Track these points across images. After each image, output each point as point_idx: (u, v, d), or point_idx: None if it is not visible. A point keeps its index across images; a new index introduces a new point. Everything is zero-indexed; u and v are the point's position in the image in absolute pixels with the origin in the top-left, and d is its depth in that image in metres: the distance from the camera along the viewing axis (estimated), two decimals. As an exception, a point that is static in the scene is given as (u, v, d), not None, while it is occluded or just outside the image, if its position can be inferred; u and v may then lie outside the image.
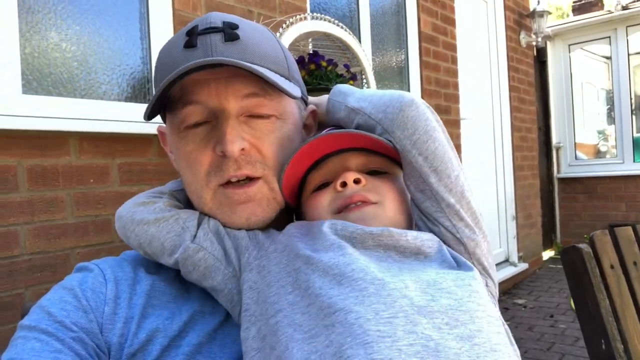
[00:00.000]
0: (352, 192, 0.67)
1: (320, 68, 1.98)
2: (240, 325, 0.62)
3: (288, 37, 1.99)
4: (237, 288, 0.65)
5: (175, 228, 0.68)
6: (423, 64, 3.66)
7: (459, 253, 0.65)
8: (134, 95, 1.96)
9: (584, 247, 1.21)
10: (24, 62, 1.64)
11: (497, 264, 4.65)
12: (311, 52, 2.06)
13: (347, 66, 2.08)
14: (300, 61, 2.01)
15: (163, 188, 0.79)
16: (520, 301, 4.17)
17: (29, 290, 1.58)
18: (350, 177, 0.67)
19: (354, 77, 2.10)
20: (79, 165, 1.71)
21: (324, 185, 0.71)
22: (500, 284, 4.36)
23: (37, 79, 1.68)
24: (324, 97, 0.83)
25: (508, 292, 4.46)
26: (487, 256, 0.67)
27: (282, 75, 0.71)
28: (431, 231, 0.66)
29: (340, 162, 0.71)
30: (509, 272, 4.55)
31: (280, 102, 0.71)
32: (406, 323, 0.51)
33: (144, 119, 0.69)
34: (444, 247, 0.63)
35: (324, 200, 0.69)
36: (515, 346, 0.59)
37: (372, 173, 0.71)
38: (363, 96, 0.74)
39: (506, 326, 0.60)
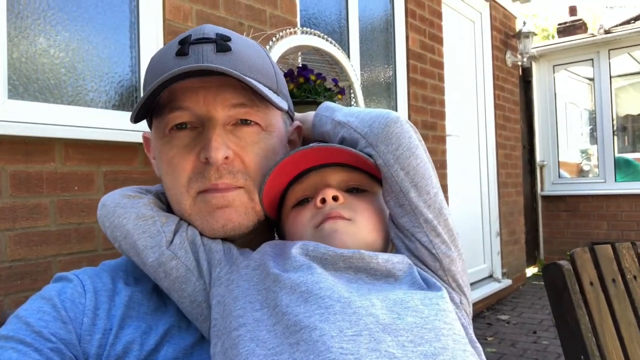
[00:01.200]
0: (330, 208, 0.68)
1: (309, 82, 2.00)
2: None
3: (278, 50, 2.01)
4: (207, 302, 0.65)
5: (152, 230, 0.67)
6: (410, 81, 3.71)
7: (434, 269, 0.66)
8: (122, 103, 1.96)
9: (565, 264, 1.23)
10: (11, 67, 1.63)
11: (480, 280, 4.67)
12: (300, 65, 2.08)
13: (335, 80, 2.11)
14: (289, 74, 2.03)
15: (150, 187, 0.79)
16: (503, 317, 4.19)
17: (8, 298, 1.55)
18: (329, 193, 0.68)
19: (342, 92, 2.13)
20: (63, 172, 1.69)
21: (304, 201, 0.72)
22: (484, 299, 4.38)
23: (23, 85, 1.67)
24: (309, 114, 0.84)
25: (491, 308, 4.48)
26: (462, 274, 0.68)
27: (270, 89, 0.72)
28: (408, 248, 0.67)
29: (321, 177, 0.72)
30: (492, 287, 4.58)
31: (267, 114, 0.72)
32: (370, 341, 0.51)
33: (131, 121, 0.69)
34: (415, 269, 0.64)
35: (305, 217, 0.70)
36: None
37: (352, 190, 0.72)
38: (351, 112, 0.76)
39: (478, 345, 0.60)
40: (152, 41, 2.00)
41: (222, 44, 0.69)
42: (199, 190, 0.69)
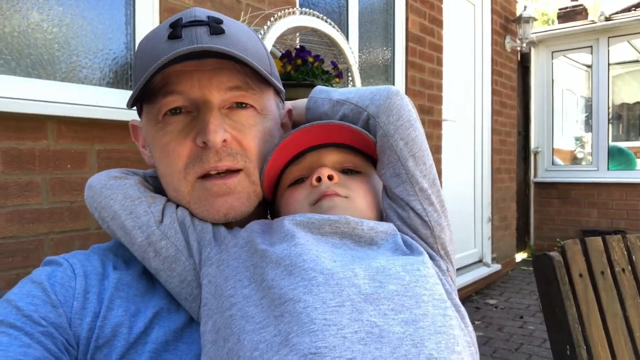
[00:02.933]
0: (326, 186, 0.70)
1: (307, 64, 1.97)
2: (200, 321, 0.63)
3: (275, 30, 1.98)
4: (197, 282, 0.65)
5: (138, 210, 0.67)
6: (409, 64, 3.68)
7: (425, 237, 0.68)
8: (116, 81, 1.93)
9: (555, 255, 1.24)
10: (3, 42, 1.60)
11: (470, 264, 4.72)
12: (298, 47, 2.05)
13: (333, 63, 2.08)
14: (287, 55, 2.00)
15: (137, 170, 0.79)
16: (491, 301, 4.25)
17: (-1, 275, 1.55)
18: (325, 172, 0.70)
19: (340, 75, 2.11)
20: (56, 149, 1.68)
21: (299, 180, 0.73)
22: (473, 284, 4.44)
23: (15, 60, 1.64)
24: (300, 101, 0.85)
25: (480, 292, 4.54)
26: (450, 243, 0.70)
27: (265, 71, 0.72)
28: (400, 217, 0.69)
29: (317, 157, 0.73)
30: (482, 272, 4.64)
31: (261, 97, 0.72)
32: (352, 311, 0.52)
33: (127, 107, 0.68)
34: (399, 236, 0.66)
35: (301, 195, 0.72)
36: (471, 327, 0.61)
37: (347, 172, 0.74)
38: (347, 90, 0.78)
39: (462, 309, 0.62)
40: (148, 18, 1.96)
41: (215, 27, 0.68)
42: (197, 175, 0.69)
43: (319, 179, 0.70)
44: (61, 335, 0.60)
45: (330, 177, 0.70)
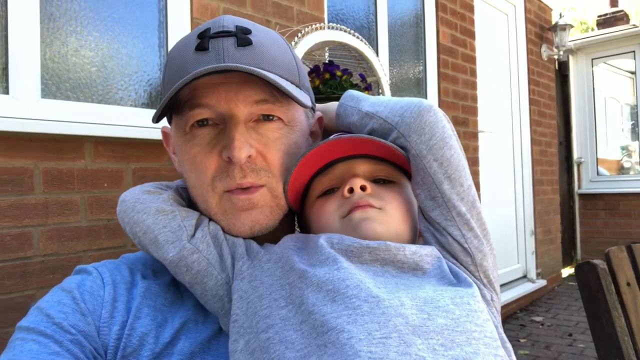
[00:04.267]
0: (358, 197, 0.66)
1: (335, 77, 1.98)
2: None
3: (303, 45, 2.00)
4: (229, 296, 0.64)
5: (172, 224, 0.67)
6: (441, 76, 3.64)
7: (466, 265, 0.63)
8: (150, 101, 1.99)
9: (599, 263, 1.17)
10: (44, 67, 1.68)
11: (514, 280, 4.55)
12: (327, 61, 2.06)
13: (362, 75, 2.08)
14: (315, 70, 2.01)
15: (170, 183, 0.79)
16: (537, 318, 4.08)
17: (40, 292, 1.60)
18: (357, 183, 0.67)
19: (369, 87, 2.10)
20: (93, 169, 1.73)
21: (330, 191, 0.71)
22: (517, 300, 4.27)
23: (56, 84, 1.72)
24: (332, 104, 0.82)
25: (525, 309, 4.36)
26: (493, 270, 0.66)
27: (292, 83, 0.71)
28: (438, 242, 0.65)
29: (348, 168, 0.70)
30: (526, 288, 4.46)
31: (289, 109, 0.71)
32: (399, 344, 0.49)
33: (152, 121, 0.69)
34: (444, 262, 0.62)
35: (332, 206, 0.68)
36: None
37: (379, 181, 0.70)
38: (378, 101, 0.74)
39: (509, 345, 0.58)
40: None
41: (242, 38, 0.68)
42: (224, 189, 0.69)
43: (351, 190, 0.67)
44: (90, 344, 0.61)
45: (363, 188, 0.67)
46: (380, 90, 2.25)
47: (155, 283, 0.70)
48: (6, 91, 1.59)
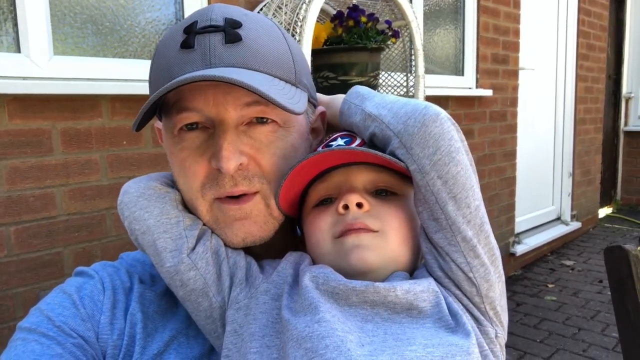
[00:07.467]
0: (353, 217, 0.60)
1: (360, 25, 1.84)
2: None
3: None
4: (222, 321, 0.61)
5: (174, 231, 0.63)
6: (481, 9, 3.37)
7: (470, 295, 0.58)
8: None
9: (632, 249, 1.10)
10: (54, 23, 1.62)
11: (547, 222, 4.46)
12: (352, 5, 1.91)
13: (388, 22, 1.93)
14: (338, 16, 1.88)
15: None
16: (568, 262, 4.02)
17: (67, 249, 1.65)
18: (352, 200, 0.60)
19: (396, 34, 1.95)
20: (111, 127, 1.71)
21: (326, 200, 0.65)
22: (549, 243, 4.21)
23: (67, 40, 1.66)
24: (337, 97, 0.75)
25: (556, 252, 4.30)
26: (501, 298, 0.60)
27: (287, 81, 0.64)
28: (441, 268, 0.59)
29: (346, 177, 0.64)
30: (559, 231, 4.37)
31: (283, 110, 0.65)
32: None
33: (132, 130, 0.64)
34: (443, 301, 0.56)
35: (325, 224, 0.63)
36: None
37: (380, 192, 0.64)
38: (383, 102, 0.66)
39: None
40: (195, -16, 1.90)
41: (231, 33, 0.61)
42: (214, 197, 0.64)
43: (346, 207, 0.61)
44: (91, 348, 0.61)
45: (359, 205, 0.61)
46: (408, 37, 2.09)
47: (151, 290, 0.68)
48: (18, 49, 1.55)
